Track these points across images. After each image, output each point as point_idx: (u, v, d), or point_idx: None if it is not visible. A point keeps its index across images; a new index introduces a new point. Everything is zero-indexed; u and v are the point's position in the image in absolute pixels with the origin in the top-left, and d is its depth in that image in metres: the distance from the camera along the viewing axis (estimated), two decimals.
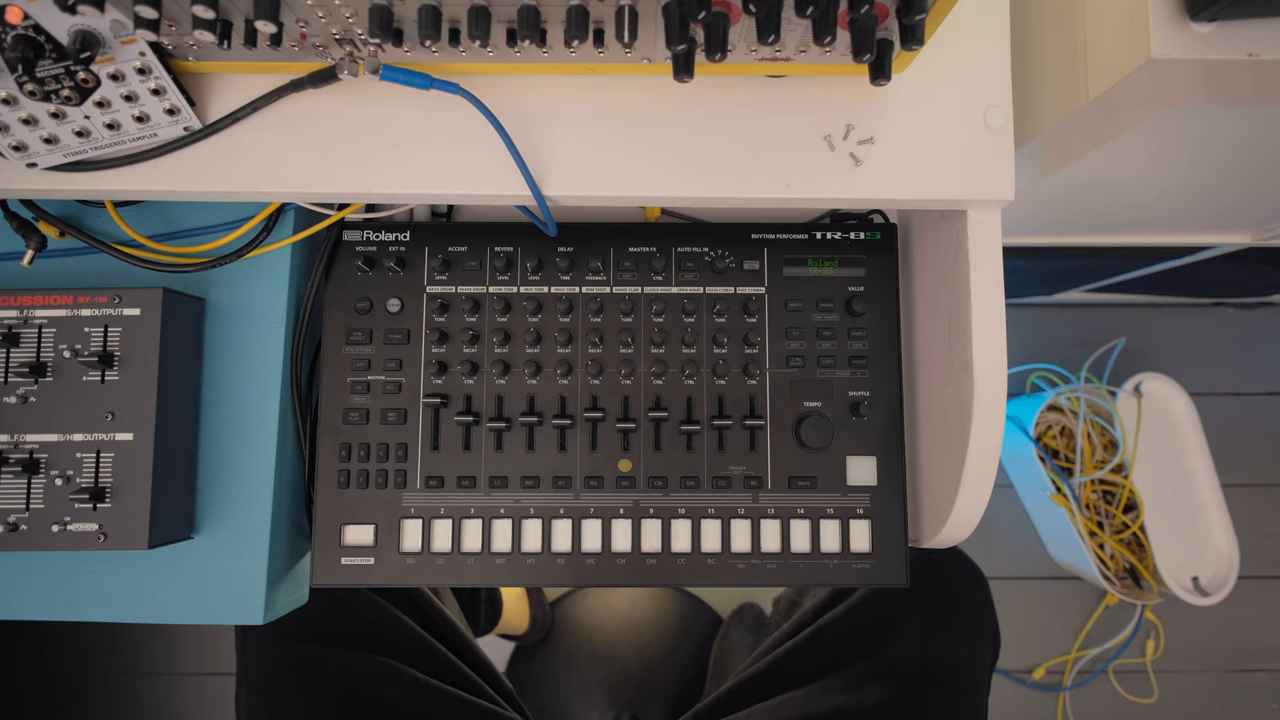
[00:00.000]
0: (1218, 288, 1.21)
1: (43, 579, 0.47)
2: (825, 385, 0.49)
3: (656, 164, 0.43)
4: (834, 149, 0.43)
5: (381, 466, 0.48)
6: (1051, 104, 0.48)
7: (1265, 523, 1.29)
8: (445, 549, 0.48)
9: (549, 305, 0.50)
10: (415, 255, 0.50)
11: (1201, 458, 1.15)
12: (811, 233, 0.51)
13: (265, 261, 0.49)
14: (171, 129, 0.41)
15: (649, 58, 0.39)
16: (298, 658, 0.57)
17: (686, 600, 1.17)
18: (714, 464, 0.49)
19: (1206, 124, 0.56)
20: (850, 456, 0.49)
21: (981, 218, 0.45)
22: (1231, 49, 0.38)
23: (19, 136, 0.39)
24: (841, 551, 0.48)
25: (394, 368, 0.49)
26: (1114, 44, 0.41)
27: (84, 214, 0.49)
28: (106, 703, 1.28)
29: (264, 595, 0.47)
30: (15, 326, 0.44)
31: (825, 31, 0.34)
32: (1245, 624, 1.29)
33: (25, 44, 0.34)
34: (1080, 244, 0.89)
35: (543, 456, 0.49)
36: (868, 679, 0.58)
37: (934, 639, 0.59)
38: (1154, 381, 1.16)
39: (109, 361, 0.44)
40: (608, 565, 0.48)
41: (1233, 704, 1.29)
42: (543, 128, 0.43)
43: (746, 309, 0.50)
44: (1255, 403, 1.36)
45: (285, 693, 0.57)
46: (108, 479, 0.44)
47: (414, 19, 0.35)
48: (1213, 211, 0.78)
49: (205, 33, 0.34)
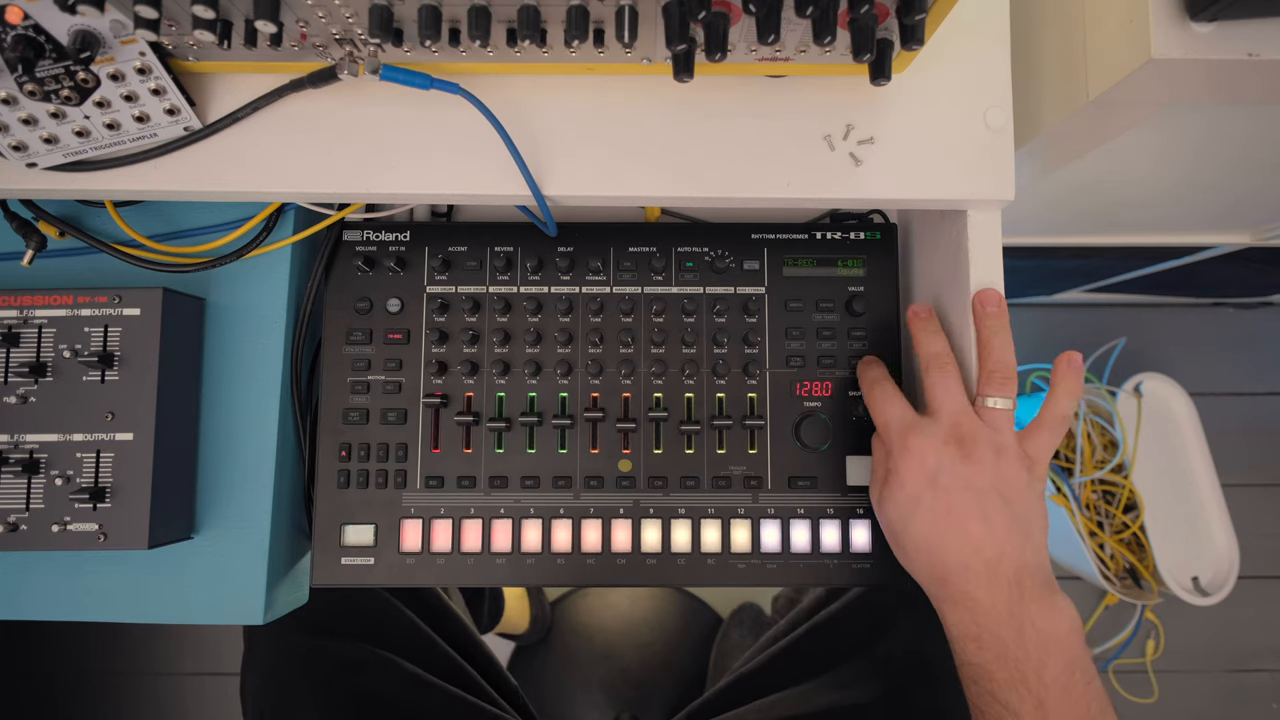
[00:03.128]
0: (1218, 288, 1.21)
1: (43, 579, 0.47)
2: (825, 385, 0.49)
3: (656, 164, 0.43)
4: (834, 149, 0.43)
5: (381, 466, 0.48)
6: (1051, 104, 0.48)
7: (1265, 523, 1.29)
8: (445, 549, 0.48)
9: (549, 305, 0.50)
10: (415, 255, 0.50)
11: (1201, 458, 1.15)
12: (811, 233, 0.51)
13: (265, 261, 0.49)
14: (171, 129, 0.41)
15: (649, 58, 0.39)
16: (303, 648, 0.58)
17: (686, 600, 1.17)
18: (714, 464, 0.49)
19: (1207, 124, 0.56)
20: (850, 456, 0.49)
21: (981, 218, 0.45)
22: (1231, 49, 0.38)
23: (19, 136, 0.39)
24: (841, 551, 0.48)
25: (394, 368, 0.49)
26: (1114, 44, 0.41)
27: (84, 214, 0.49)
28: (106, 703, 1.28)
29: (264, 595, 0.47)
30: (15, 326, 0.44)
31: (825, 31, 0.34)
32: (1245, 624, 1.29)
33: (25, 44, 0.34)
34: (1080, 244, 0.89)
35: (543, 456, 0.49)
36: (863, 677, 0.58)
37: (929, 638, 0.59)
38: (1154, 381, 1.16)
39: (109, 361, 0.44)
40: (608, 565, 0.48)
41: (1233, 704, 1.29)
42: (543, 127, 0.43)
43: (746, 309, 0.50)
44: (1255, 403, 1.36)
45: (290, 683, 0.57)
46: (108, 479, 0.44)
47: (414, 19, 0.35)
48: (1213, 211, 0.78)
49: (205, 33, 0.34)
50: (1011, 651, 0.38)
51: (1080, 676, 0.38)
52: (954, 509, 0.40)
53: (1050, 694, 0.37)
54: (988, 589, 0.39)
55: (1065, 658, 0.38)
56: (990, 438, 0.41)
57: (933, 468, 0.41)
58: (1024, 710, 0.37)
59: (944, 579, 0.40)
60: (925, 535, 0.41)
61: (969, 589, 0.39)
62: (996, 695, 0.38)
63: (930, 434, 0.41)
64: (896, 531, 0.43)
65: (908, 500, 0.41)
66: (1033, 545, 0.40)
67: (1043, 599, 0.39)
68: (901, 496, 0.42)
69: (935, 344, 0.44)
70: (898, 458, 0.42)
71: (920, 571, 0.42)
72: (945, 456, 0.41)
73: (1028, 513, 0.41)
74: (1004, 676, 0.38)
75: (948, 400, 0.42)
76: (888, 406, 0.44)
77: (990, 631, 0.39)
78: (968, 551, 0.40)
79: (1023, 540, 0.40)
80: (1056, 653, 0.38)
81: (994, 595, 0.39)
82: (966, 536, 0.40)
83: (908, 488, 0.41)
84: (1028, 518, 0.41)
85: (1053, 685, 0.37)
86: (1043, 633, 0.38)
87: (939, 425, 0.42)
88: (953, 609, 0.40)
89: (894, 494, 0.42)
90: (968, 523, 0.40)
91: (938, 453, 0.41)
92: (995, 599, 0.39)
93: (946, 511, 0.40)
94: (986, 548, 0.40)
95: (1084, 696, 0.38)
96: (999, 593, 0.39)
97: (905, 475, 0.42)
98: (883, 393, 0.45)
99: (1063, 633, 0.38)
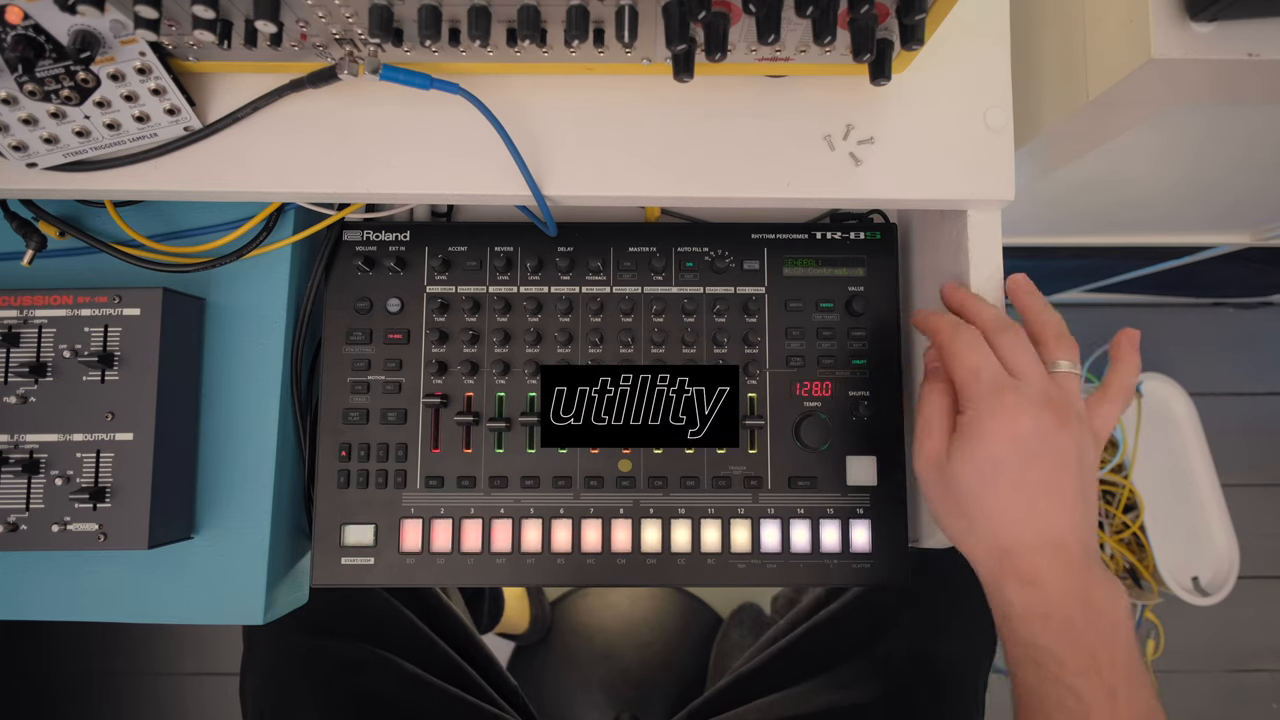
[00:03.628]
0: (1218, 288, 1.21)
1: (43, 579, 0.47)
2: (825, 385, 0.49)
3: (656, 164, 0.43)
4: (834, 149, 0.43)
5: (381, 466, 0.48)
6: (1051, 104, 0.48)
7: (1265, 523, 1.29)
8: (445, 549, 0.48)
9: (549, 305, 0.50)
10: (415, 255, 0.50)
11: (1201, 458, 1.14)
12: (811, 233, 0.51)
13: (265, 261, 0.49)
14: (171, 129, 0.41)
15: (649, 57, 0.39)
16: (303, 648, 0.58)
17: (686, 600, 1.17)
18: (714, 464, 0.49)
19: (1207, 124, 0.56)
20: (850, 456, 0.49)
21: (981, 218, 0.45)
22: (1231, 49, 0.38)
23: (19, 136, 0.39)
24: (842, 551, 0.48)
25: (394, 368, 0.49)
26: (1114, 44, 0.41)
27: (84, 214, 0.49)
28: (106, 703, 1.28)
29: (264, 595, 0.47)
30: (15, 326, 0.44)
31: (825, 31, 0.34)
32: (1245, 624, 1.29)
33: (25, 44, 0.34)
34: (1080, 244, 0.89)
35: (543, 456, 0.49)
36: (862, 677, 0.58)
37: (929, 637, 0.59)
38: (1154, 381, 1.16)
39: (109, 361, 0.44)
40: (608, 565, 0.48)
41: (1233, 704, 1.29)
42: (543, 127, 0.43)
43: (746, 309, 0.50)
44: (1255, 403, 1.36)
45: (290, 684, 0.57)
46: (108, 479, 0.44)
47: (414, 19, 0.35)
48: (1213, 211, 0.78)
49: (205, 32, 0.34)
50: (1083, 636, 0.36)
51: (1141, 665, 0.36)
52: (1038, 480, 0.37)
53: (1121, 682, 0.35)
54: (1062, 567, 0.36)
55: (1128, 644, 0.36)
56: (1076, 407, 0.39)
57: (1025, 432, 0.37)
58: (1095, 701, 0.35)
59: (1012, 552, 0.37)
60: (1002, 505, 0.38)
61: (1040, 564, 0.37)
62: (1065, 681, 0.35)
63: (1027, 395, 0.38)
64: (964, 495, 0.39)
65: (989, 463, 0.38)
66: (1090, 522, 0.38)
67: (1104, 581, 0.37)
68: (982, 456, 0.38)
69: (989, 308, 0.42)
70: (986, 414, 0.38)
71: (983, 542, 0.39)
72: (1042, 422, 0.37)
73: (1092, 487, 0.39)
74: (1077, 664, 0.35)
75: (1031, 363, 0.39)
76: (975, 354, 0.39)
77: (1061, 612, 0.36)
78: (1042, 526, 0.37)
79: (1086, 516, 0.38)
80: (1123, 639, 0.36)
81: (1067, 574, 0.36)
82: (1045, 510, 0.37)
83: (992, 449, 0.38)
84: (1092, 493, 0.39)
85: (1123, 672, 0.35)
86: (1108, 617, 0.36)
87: (1032, 388, 0.38)
88: (1019, 587, 0.37)
89: (972, 452, 0.38)
90: (1050, 495, 0.37)
91: (1035, 417, 0.37)
92: (1067, 579, 0.36)
93: (1031, 482, 0.37)
94: (1061, 523, 0.37)
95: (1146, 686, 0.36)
96: (1072, 572, 0.36)
97: (991, 435, 0.38)
98: (971, 338, 0.40)
99: (1123, 616, 0.36)
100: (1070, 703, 0.35)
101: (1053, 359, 0.40)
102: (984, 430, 0.38)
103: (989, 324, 0.41)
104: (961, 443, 0.39)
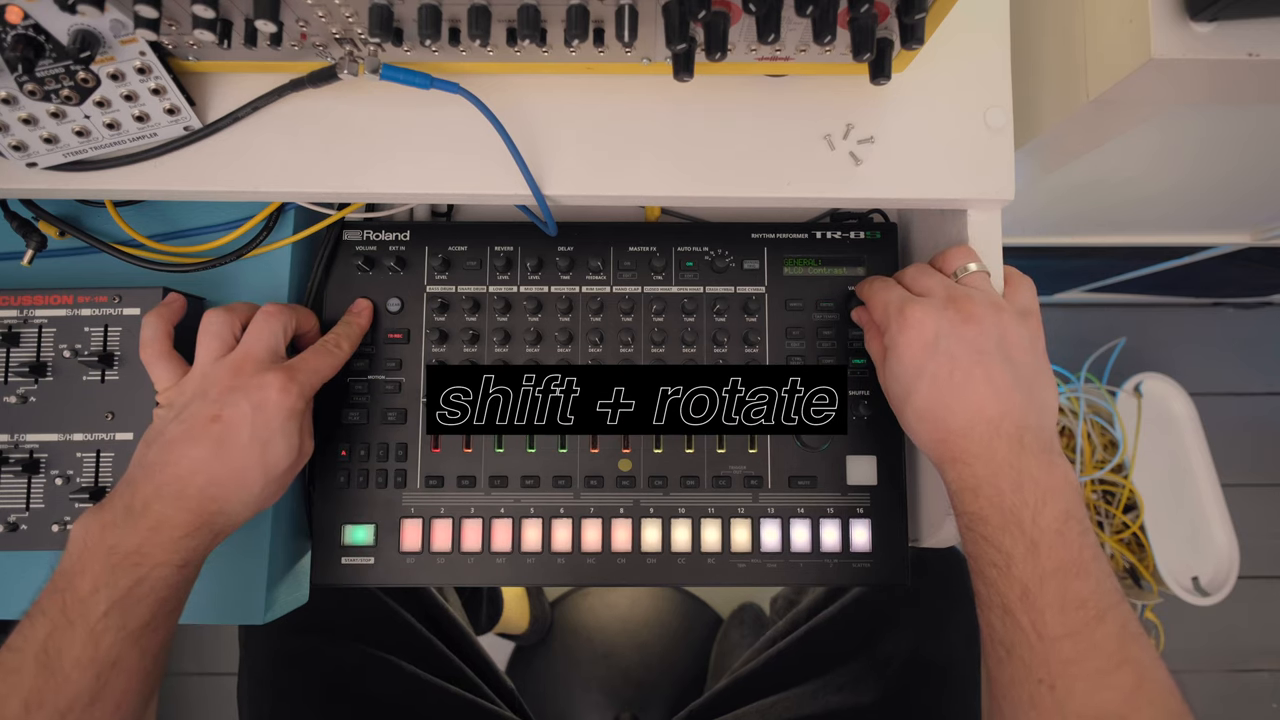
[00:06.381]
0: (1218, 288, 1.21)
1: (43, 579, 0.46)
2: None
3: (656, 163, 0.43)
4: (834, 148, 0.43)
5: (381, 466, 0.48)
6: (1051, 104, 0.48)
7: (1265, 523, 1.29)
8: (445, 549, 0.48)
9: (549, 305, 0.50)
10: (415, 255, 0.50)
11: (1201, 458, 1.14)
12: (811, 232, 0.51)
13: (265, 261, 0.49)
14: (171, 128, 0.41)
15: (649, 57, 0.39)
16: (299, 650, 0.57)
17: (686, 600, 1.17)
18: (714, 463, 0.49)
19: (1207, 124, 0.56)
20: (850, 456, 0.49)
21: (981, 218, 0.45)
22: (1232, 49, 0.38)
23: (19, 136, 0.39)
24: (842, 551, 0.48)
25: (394, 368, 0.49)
26: (1114, 44, 0.41)
27: (84, 214, 0.49)
28: None
29: (264, 595, 0.47)
30: (15, 326, 0.44)
31: (825, 31, 0.34)
32: (1245, 624, 1.29)
33: (25, 44, 0.34)
34: (1080, 244, 0.89)
35: (543, 456, 0.49)
36: (862, 678, 0.58)
37: (929, 637, 0.59)
38: (1154, 381, 1.16)
39: (109, 361, 0.44)
40: (608, 565, 0.48)
41: (1233, 704, 1.29)
42: (543, 127, 0.43)
43: (746, 308, 0.50)
44: (1255, 403, 1.36)
45: (287, 685, 0.57)
46: (108, 479, 0.44)
47: (414, 18, 0.35)
48: (1213, 211, 0.78)
49: (205, 32, 0.34)
50: (1008, 499, 0.37)
51: (1075, 525, 0.37)
52: (956, 372, 0.40)
53: (1044, 536, 0.36)
54: (987, 444, 0.38)
55: (1061, 506, 0.37)
56: (985, 295, 0.41)
57: (932, 334, 0.40)
58: (1016, 552, 0.37)
59: (945, 440, 0.40)
60: (928, 403, 0.40)
61: (969, 445, 0.39)
62: (990, 539, 0.38)
63: (926, 303, 0.41)
64: (900, 405, 0.42)
65: (910, 372, 0.41)
66: (1036, 406, 0.40)
67: (1042, 457, 0.38)
68: (902, 370, 0.41)
69: (893, 288, 0.45)
70: (896, 332, 0.42)
71: (923, 437, 0.41)
72: (945, 320, 0.40)
73: (1032, 371, 0.40)
74: (999, 521, 0.37)
75: (935, 280, 0.43)
76: (884, 291, 0.44)
77: (988, 482, 0.38)
78: (970, 412, 0.39)
79: (1026, 399, 0.39)
80: (1053, 501, 0.37)
81: (993, 449, 0.38)
82: (970, 398, 0.39)
83: (907, 360, 0.41)
84: (1032, 377, 0.40)
85: (1047, 529, 0.37)
86: (1040, 484, 0.37)
87: (934, 295, 0.42)
88: (952, 465, 0.40)
89: (894, 369, 0.42)
90: (971, 384, 0.39)
91: (937, 318, 0.40)
92: (994, 452, 0.38)
93: (949, 376, 0.40)
94: (989, 407, 0.39)
95: (1077, 542, 0.37)
96: (999, 447, 0.38)
97: (905, 348, 0.41)
98: (883, 282, 0.45)
99: (1060, 484, 0.38)
100: (997, 558, 0.37)
101: (958, 266, 0.44)
102: (898, 346, 0.42)
103: (901, 273, 0.46)
104: (887, 365, 0.43)
